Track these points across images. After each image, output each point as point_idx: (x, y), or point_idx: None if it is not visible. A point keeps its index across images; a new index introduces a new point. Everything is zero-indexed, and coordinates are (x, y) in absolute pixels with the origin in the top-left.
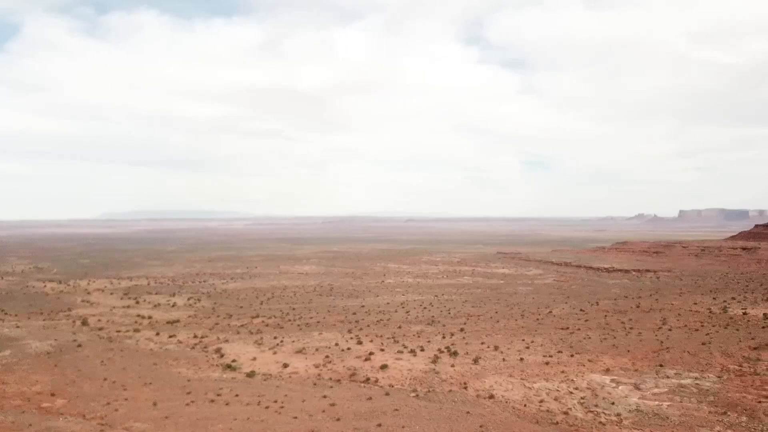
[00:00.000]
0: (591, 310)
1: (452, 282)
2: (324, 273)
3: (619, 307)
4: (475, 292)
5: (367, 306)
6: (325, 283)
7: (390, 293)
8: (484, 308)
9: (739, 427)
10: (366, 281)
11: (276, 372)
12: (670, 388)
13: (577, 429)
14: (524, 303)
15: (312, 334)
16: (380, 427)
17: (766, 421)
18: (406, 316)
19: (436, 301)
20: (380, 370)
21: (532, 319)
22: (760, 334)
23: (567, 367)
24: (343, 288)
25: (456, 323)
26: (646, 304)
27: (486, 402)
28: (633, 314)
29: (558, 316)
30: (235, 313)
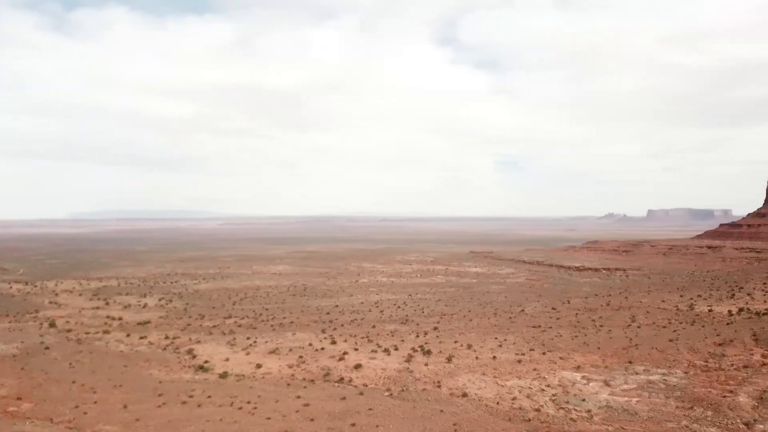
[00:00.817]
0: (562, 308)
1: (426, 281)
2: (298, 273)
3: (589, 305)
4: (448, 291)
5: (341, 306)
6: (298, 283)
7: (364, 293)
8: (457, 307)
9: (704, 421)
10: (340, 281)
11: (249, 373)
12: (639, 384)
13: (548, 426)
14: (497, 302)
15: (285, 335)
16: (354, 427)
17: (731, 415)
18: (380, 316)
19: (410, 300)
20: (354, 370)
21: (505, 317)
22: (725, 331)
23: (539, 365)
24: (317, 288)
25: (430, 322)
26: (616, 302)
27: (459, 400)
28: (603, 312)
29: (530, 315)
30: (207, 314)
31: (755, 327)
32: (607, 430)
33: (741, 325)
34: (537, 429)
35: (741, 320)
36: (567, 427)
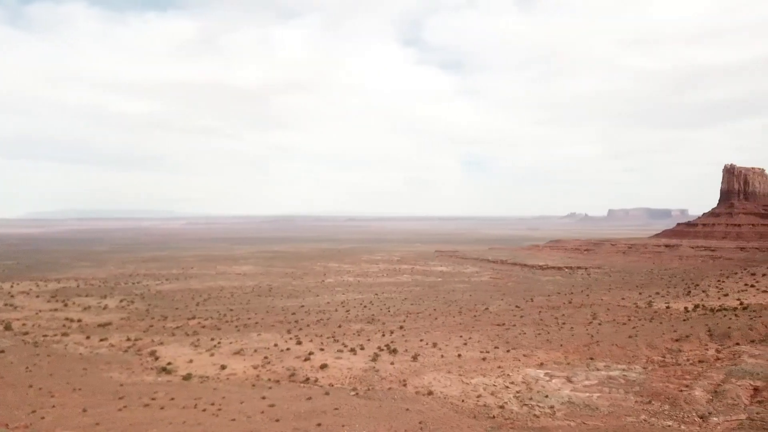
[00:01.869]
0: (526, 306)
1: (392, 280)
2: (263, 273)
3: (552, 303)
4: (414, 290)
5: (306, 306)
6: (263, 283)
7: (330, 293)
8: (422, 306)
9: (662, 415)
10: (306, 281)
11: (213, 374)
12: (599, 380)
13: (512, 422)
14: (462, 300)
15: (250, 335)
16: (320, 427)
17: (687, 408)
18: (346, 315)
19: (376, 299)
20: (320, 370)
21: (470, 315)
22: (682, 327)
23: (503, 362)
24: (282, 288)
25: (396, 321)
26: (578, 300)
27: (425, 398)
28: (565, 310)
29: (494, 313)
30: (170, 315)
31: (710, 323)
32: (569, 425)
33: (696, 322)
34: (501, 426)
35: (696, 317)
36: (530, 423)
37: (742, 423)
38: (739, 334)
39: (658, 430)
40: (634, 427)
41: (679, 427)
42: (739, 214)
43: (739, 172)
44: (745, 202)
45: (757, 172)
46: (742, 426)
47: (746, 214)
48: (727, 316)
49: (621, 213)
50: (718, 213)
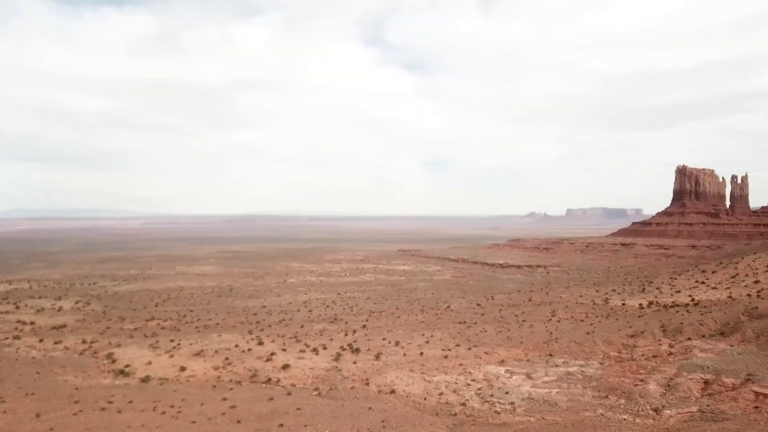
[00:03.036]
0: (487, 304)
1: (355, 280)
2: (223, 273)
3: (512, 300)
4: (377, 289)
5: (268, 306)
6: (224, 283)
7: (292, 293)
8: (385, 305)
9: (618, 409)
10: (267, 281)
11: (173, 376)
12: (558, 375)
13: (474, 419)
14: (424, 298)
15: (211, 336)
16: (282, 427)
17: (642, 402)
18: (308, 315)
19: (339, 299)
20: (282, 370)
21: (432, 314)
22: (636, 323)
23: (465, 360)
24: (243, 288)
25: (358, 320)
26: (537, 298)
27: (387, 397)
28: (525, 307)
29: (456, 311)
30: (128, 316)
31: (663, 319)
32: (529, 421)
33: (650, 318)
34: (463, 422)
35: (651, 313)
36: (491, 420)
37: (694, 415)
38: (691, 330)
39: (615, 423)
40: (592, 421)
41: (634, 421)
42: (691, 213)
43: (690, 172)
44: (697, 201)
45: (708, 173)
46: (694, 418)
47: (697, 213)
48: (680, 312)
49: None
50: (671, 212)
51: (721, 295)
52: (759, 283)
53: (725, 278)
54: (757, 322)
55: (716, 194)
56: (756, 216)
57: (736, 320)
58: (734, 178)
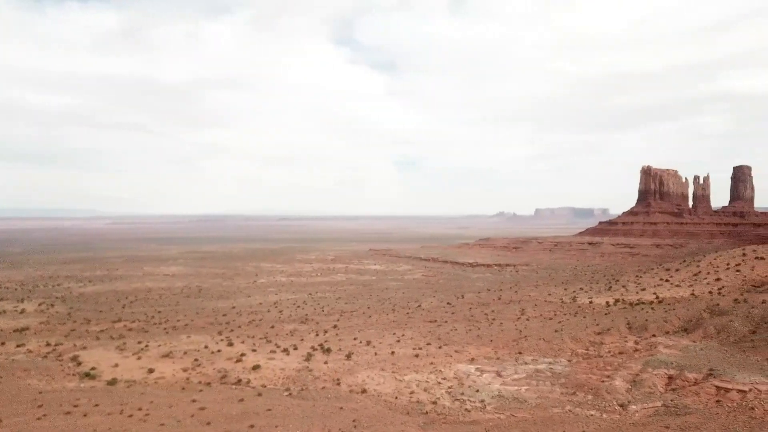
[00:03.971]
0: (457, 303)
1: (326, 280)
2: (192, 274)
3: (482, 299)
4: (348, 289)
5: (238, 307)
6: (193, 284)
7: (262, 293)
8: (357, 304)
9: (586, 405)
10: (237, 282)
11: (141, 378)
12: (527, 373)
13: (445, 417)
14: (395, 298)
15: (180, 338)
16: (253, 428)
17: (608, 398)
18: (279, 316)
19: (310, 299)
20: (252, 371)
21: (403, 313)
22: (603, 320)
23: (435, 359)
24: (212, 289)
25: (329, 320)
26: (507, 296)
27: (359, 396)
28: (495, 306)
29: (427, 310)
30: (94, 318)
31: (629, 316)
32: (499, 418)
33: (617, 315)
34: (434, 421)
35: (617, 310)
36: (462, 418)
37: (658, 410)
38: (656, 326)
39: (582, 419)
40: (560, 417)
41: (601, 416)
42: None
43: (655, 173)
44: (661, 201)
45: (671, 173)
46: (658, 412)
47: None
48: (645, 309)
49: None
50: (637, 212)
51: (684, 293)
52: (720, 281)
53: (688, 276)
54: (718, 319)
55: (680, 194)
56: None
57: (699, 317)
58: (697, 178)
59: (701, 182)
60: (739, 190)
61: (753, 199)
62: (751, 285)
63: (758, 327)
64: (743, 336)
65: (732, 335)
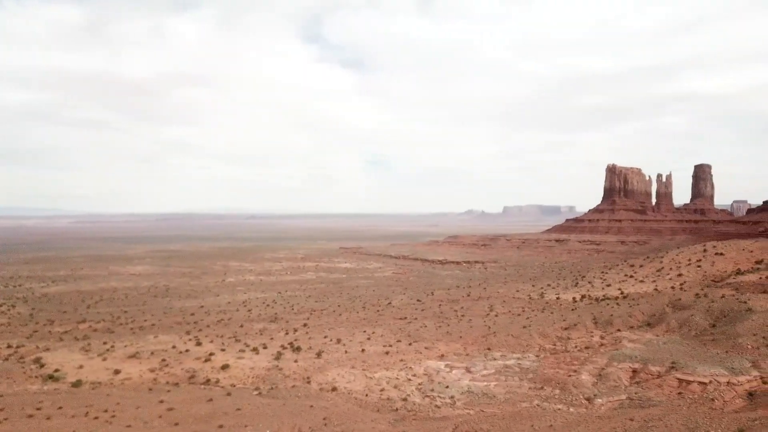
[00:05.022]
0: (427, 300)
1: (296, 278)
2: (159, 273)
3: (451, 296)
4: (318, 287)
5: (206, 306)
6: (160, 283)
7: (231, 292)
8: (327, 302)
9: (553, 399)
10: (205, 281)
11: (106, 379)
12: (496, 369)
13: (415, 414)
14: (365, 295)
15: (147, 338)
16: (222, 429)
17: (575, 392)
18: (248, 315)
19: (280, 297)
20: (221, 371)
21: (373, 310)
22: (570, 316)
23: (405, 356)
24: (180, 288)
25: (299, 319)
26: (476, 293)
27: (329, 394)
28: (464, 302)
29: (397, 307)
30: (57, 319)
31: (595, 311)
32: (468, 414)
33: (583, 311)
34: (404, 417)
35: (583, 306)
36: (432, 414)
37: (623, 403)
38: (620, 321)
39: (550, 413)
40: (528, 412)
41: (568, 410)
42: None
43: (619, 171)
44: (625, 199)
45: (635, 171)
46: (623, 405)
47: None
48: (610, 304)
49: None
50: (602, 209)
51: (648, 288)
52: (682, 276)
53: (651, 272)
54: (680, 313)
55: (643, 192)
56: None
57: (662, 311)
58: (659, 176)
59: (664, 180)
60: (699, 188)
61: (713, 197)
62: (711, 280)
63: (718, 321)
64: (704, 329)
65: (693, 329)
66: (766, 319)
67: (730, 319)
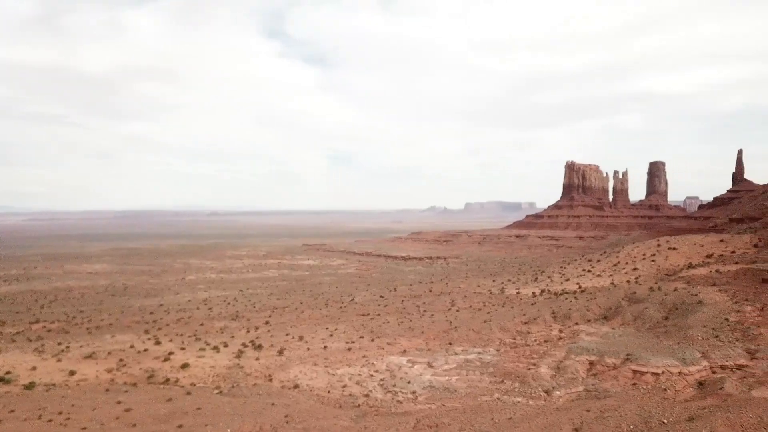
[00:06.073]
0: (390, 296)
1: (258, 276)
2: (117, 272)
3: (414, 292)
4: (280, 285)
5: (166, 304)
6: (118, 282)
7: (191, 290)
8: (289, 300)
9: (513, 392)
10: (165, 279)
11: (61, 381)
12: (458, 363)
13: (377, 409)
14: (328, 292)
15: (104, 338)
16: (181, 428)
17: (534, 385)
18: (208, 313)
19: (241, 295)
20: (181, 370)
21: (336, 307)
22: (530, 310)
23: (368, 352)
24: (139, 287)
25: (261, 316)
26: (438, 288)
27: (291, 392)
28: (426, 298)
29: (360, 303)
30: (9, 320)
31: (553, 306)
32: (430, 408)
33: (542, 305)
34: (366, 413)
35: (543, 300)
36: (394, 409)
37: (580, 394)
38: (578, 315)
39: (510, 406)
40: (488, 405)
41: (527, 403)
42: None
43: (578, 168)
44: (584, 195)
45: (593, 168)
46: (580, 397)
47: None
48: (568, 299)
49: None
50: (561, 205)
51: (605, 282)
52: (637, 270)
53: (608, 266)
54: (635, 306)
55: (601, 188)
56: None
57: (617, 305)
58: (616, 173)
59: (620, 177)
60: (654, 185)
61: (667, 193)
62: (664, 274)
63: (670, 313)
64: (657, 322)
65: (647, 321)
66: (715, 312)
67: (681, 312)
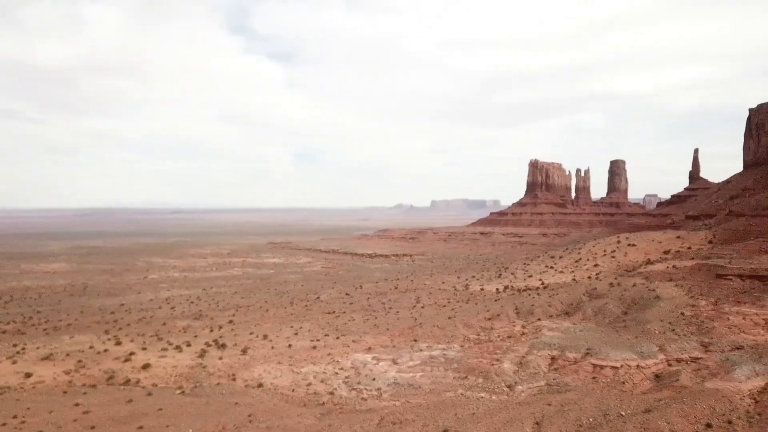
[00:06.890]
0: (355, 293)
1: (222, 274)
2: (77, 271)
3: (380, 289)
4: (245, 283)
5: (127, 304)
6: (77, 281)
7: (154, 289)
8: (254, 298)
9: (476, 388)
10: (126, 278)
11: (16, 384)
12: (422, 360)
13: (341, 407)
14: (294, 291)
15: (62, 338)
16: (142, 430)
17: (497, 380)
18: (171, 312)
19: (204, 294)
20: (142, 370)
21: (301, 305)
22: (493, 306)
23: (333, 350)
24: (99, 286)
25: (225, 315)
26: (403, 285)
27: (255, 391)
28: (392, 295)
29: (325, 301)
30: None
31: (517, 302)
32: (394, 405)
33: (506, 301)
34: (331, 411)
35: (506, 296)
36: (359, 407)
37: (542, 388)
38: (541, 311)
39: (473, 402)
40: (452, 401)
41: (491, 398)
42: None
43: (541, 166)
44: (547, 193)
45: (556, 166)
46: (542, 391)
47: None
48: (531, 295)
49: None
50: (525, 203)
51: (567, 278)
52: (598, 267)
53: (570, 263)
54: (595, 302)
55: (563, 186)
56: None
57: (579, 301)
58: (578, 171)
59: (582, 175)
60: (615, 183)
61: (627, 191)
62: (624, 270)
63: (629, 308)
64: (617, 317)
65: (607, 316)
66: (672, 306)
67: (640, 307)
